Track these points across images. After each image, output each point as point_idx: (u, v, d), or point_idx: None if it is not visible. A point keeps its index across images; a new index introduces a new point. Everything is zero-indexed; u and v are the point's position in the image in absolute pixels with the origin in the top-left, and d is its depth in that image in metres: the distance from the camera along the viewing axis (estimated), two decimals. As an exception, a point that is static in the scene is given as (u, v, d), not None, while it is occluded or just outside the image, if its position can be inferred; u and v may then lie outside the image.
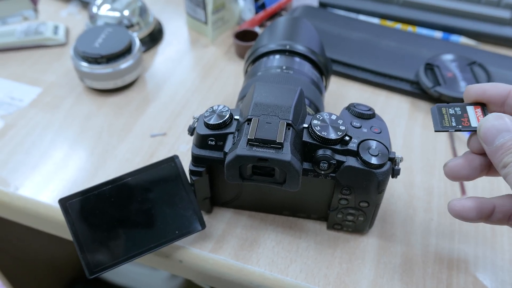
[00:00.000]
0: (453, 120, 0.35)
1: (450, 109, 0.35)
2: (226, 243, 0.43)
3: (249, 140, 0.34)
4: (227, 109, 0.38)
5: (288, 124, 0.35)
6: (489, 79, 0.55)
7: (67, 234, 0.48)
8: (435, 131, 0.35)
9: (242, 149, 0.34)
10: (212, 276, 0.42)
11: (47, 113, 0.56)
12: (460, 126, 0.34)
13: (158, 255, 0.43)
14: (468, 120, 0.34)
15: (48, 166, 0.50)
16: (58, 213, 0.45)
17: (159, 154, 0.51)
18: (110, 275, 1.04)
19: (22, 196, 0.47)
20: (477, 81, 0.55)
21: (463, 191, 0.47)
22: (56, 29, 0.66)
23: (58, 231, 0.49)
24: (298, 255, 0.42)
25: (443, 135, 0.53)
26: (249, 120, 0.36)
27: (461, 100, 0.53)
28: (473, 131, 0.34)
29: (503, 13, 0.65)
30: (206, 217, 0.44)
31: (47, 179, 0.49)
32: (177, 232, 0.40)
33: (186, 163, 0.41)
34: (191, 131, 0.39)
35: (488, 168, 0.35)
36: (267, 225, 0.44)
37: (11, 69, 0.62)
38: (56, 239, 0.54)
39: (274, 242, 0.43)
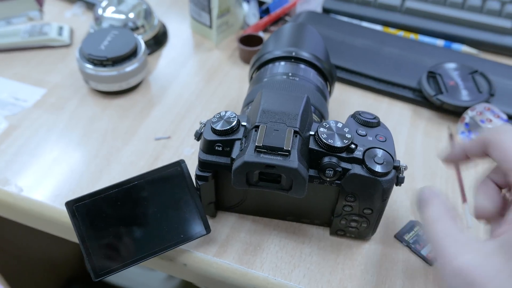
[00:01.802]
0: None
1: None
2: (230, 248, 0.43)
3: (257, 147, 0.35)
4: (234, 115, 0.39)
5: (295, 132, 0.36)
6: (491, 88, 0.56)
7: (70, 236, 0.48)
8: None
9: (250, 156, 0.35)
10: (216, 280, 0.43)
11: (52, 114, 0.56)
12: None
13: (163, 259, 0.43)
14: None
15: (53, 168, 0.50)
16: (62, 215, 0.46)
17: (164, 158, 0.51)
18: (108, 275, 1.04)
19: (26, 198, 0.47)
20: (479, 90, 0.56)
21: (464, 198, 0.48)
22: (60, 30, 0.66)
23: (61, 233, 0.49)
24: (301, 260, 0.42)
25: (445, 143, 0.54)
26: (257, 127, 0.36)
27: (462, 108, 0.54)
28: None
29: (505, 23, 0.66)
30: (210, 221, 0.44)
31: (51, 180, 0.49)
32: (182, 236, 0.41)
33: (190, 167, 0.42)
34: (198, 136, 0.40)
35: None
36: (271, 230, 0.45)
37: (16, 69, 0.62)
38: (55, 238, 0.54)
39: (278, 247, 0.43)
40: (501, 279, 0.25)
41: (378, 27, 0.69)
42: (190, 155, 0.51)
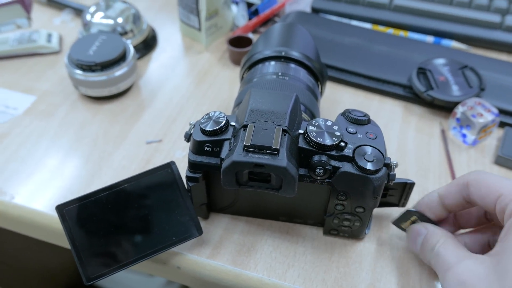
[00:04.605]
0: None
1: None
2: (223, 249, 0.43)
3: (245, 146, 0.35)
4: (223, 115, 0.38)
5: (284, 130, 0.36)
6: (481, 82, 0.56)
7: (63, 242, 0.47)
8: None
9: (239, 155, 0.34)
10: (210, 282, 0.42)
11: (42, 121, 0.56)
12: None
13: (155, 262, 0.43)
14: None
15: (44, 174, 0.50)
16: (54, 221, 0.45)
17: (155, 161, 0.51)
18: (105, 282, 1.03)
19: (18, 205, 0.47)
20: (469, 85, 0.56)
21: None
22: (49, 37, 0.66)
23: (54, 239, 0.48)
24: (295, 260, 0.42)
25: (437, 139, 0.54)
26: (245, 126, 0.36)
27: (453, 104, 0.54)
28: None
29: (493, 18, 0.66)
30: (203, 223, 0.44)
31: (42, 187, 0.48)
32: (174, 238, 0.41)
33: (182, 169, 0.42)
34: (188, 137, 0.40)
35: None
36: (264, 231, 0.44)
37: (5, 77, 0.62)
38: (50, 246, 0.54)
39: (272, 247, 0.43)
40: (489, 281, 0.31)
41: (367, 25, 0.69)
42: (182, 158, 0.51)
